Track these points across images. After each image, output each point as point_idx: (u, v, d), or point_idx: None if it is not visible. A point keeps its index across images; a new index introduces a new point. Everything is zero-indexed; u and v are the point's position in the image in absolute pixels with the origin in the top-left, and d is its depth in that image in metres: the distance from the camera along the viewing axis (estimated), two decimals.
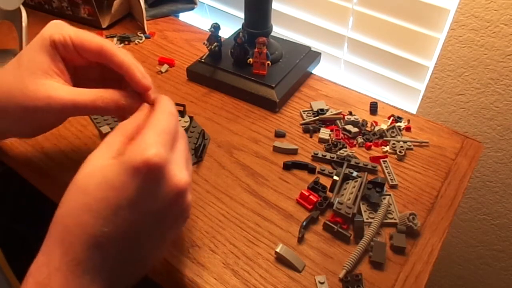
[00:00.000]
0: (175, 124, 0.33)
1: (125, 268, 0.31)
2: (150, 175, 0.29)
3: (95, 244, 0.28)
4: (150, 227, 0.31)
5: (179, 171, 0.31)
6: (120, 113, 0.37)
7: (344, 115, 0.56)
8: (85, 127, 0.53)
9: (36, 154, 0.50)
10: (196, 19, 0.99)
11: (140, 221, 0.30)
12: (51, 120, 0.40)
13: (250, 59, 0.58)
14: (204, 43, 0.61)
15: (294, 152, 0.52)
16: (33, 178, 0.50)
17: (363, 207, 0.45)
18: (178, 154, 0.32)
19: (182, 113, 0.53)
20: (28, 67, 0.36)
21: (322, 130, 0.54)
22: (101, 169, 0.29)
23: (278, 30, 0.85)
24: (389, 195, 0.46)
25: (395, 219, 0.44)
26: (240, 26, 0.62)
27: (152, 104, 0.36)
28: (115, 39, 0.71)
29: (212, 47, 0.60)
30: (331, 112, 0.57)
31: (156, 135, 0.30)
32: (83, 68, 0.40)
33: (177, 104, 0.52)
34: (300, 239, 0.42)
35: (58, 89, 0.36)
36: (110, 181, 0.28)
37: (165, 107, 0.34)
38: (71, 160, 0.49)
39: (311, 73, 0.65)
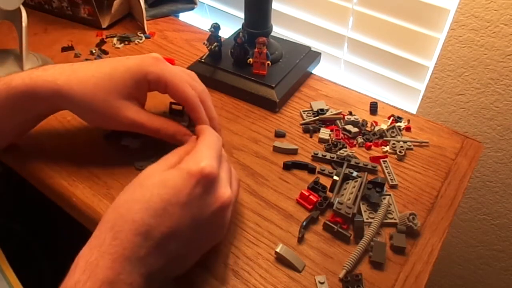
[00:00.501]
0: (220, 146, 0.39)
1: (164, 263, 0.33)
2: (202, 182, 0.33)
3: (141, 233, 0.31)
4: (193, 231, 0.34)
5: (225, 186, 0.36)
6: (170, 141, 0.45)
7: (344, 115, 0.56)
8: (85, 127, 0.53)
9: (36, 154, 0.50)
10: (196, 19, 0.99)
11: (185, 223, 0.33)
12: (113, 127, 0.46)
13: (250, 59, 0.58)
14: (204, 43, 0.61)
15: (294, 152, 0.52)
16: (32, 178, 0.50)
17: (363, 207, 0.45)
18: (223, 171, 0.37)
19: (181, 113, 0.53)
20: (116, 86, 0.43)
21: (322, 130, 0.54)
22: (160, 173, 0.34)
23: (278, 30, 0.85)
24: (389, 195, 0.46)
25: (395, 219, 0.44)
26: (240, 26, 0.62)
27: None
28: (115, 39, 0.71)
29: (212, 47, 0.60)
30: (331, 112, 0.57)
31: (207, 150, 0.36)
32: None
33: (176, 104, 0.53)
34: (300, 239, 0.42)
35: (136, 112, 0.44)
36: (166, 181, 0.33)
37: (212, 132, 0.41)
38: (71, 160, 0.49)
39: (311, 73, 0.65)
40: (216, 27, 0.58)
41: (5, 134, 0.47)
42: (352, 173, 0.48)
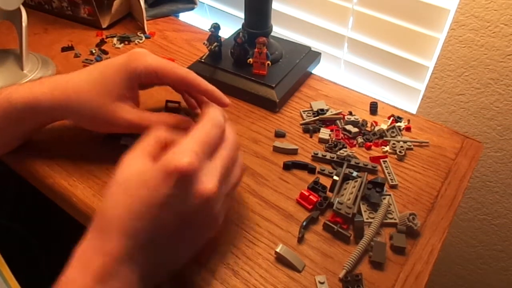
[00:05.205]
0: (216, 135, 0.36)
1: (156, 261, 0.34)
2: (179, 180, 0.32)
3: (128, 234, 0.32)
4: (179, 228, 0.34)
5: (209, 180, 0.34)
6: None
7: (344, 115, 0.56)
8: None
9: (36, 154, 0.50)
10: (196, 19, 0.99)
11: (170, 220, 0.33)
12: (112, 130, 0.46)
13: (250, 59, 0.58)
14: (204, 43, 0.61)
15: (294, 152, 0.52)
16: (32, 178, 0.50)
17: (363, 207, 0.45)
18: (215, 163, 0.35)
19: (177, 110, 0.53)
20: (108, 89, 0.44)
21: (322, 130, 0.54)
22: (139, 172, 0.33)
23: (278, 30, 0.85)
24: (389, 195, 0.46)
25: (395, 219, 0.44)
26: (240, 26, 0.62)
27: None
28: (115, 39, 0.71)
29: (212, 47, 0.60)
30: (331, 112, 0.57)
31: (193, 143, 0.34)
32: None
33: (171, 102, 0.53)
34: (300, 239, 0.42)
35: (130, 112, 0.45)
36: (146, 182, 0.32)
37: (210, 118, 0.37)
38: (71, 160, 0.49)
39: (311, 73, 0.65)
40: (216, 27, 0.58)
41: (6, 143, 0.48)
42: (352, 173, 0.48)
